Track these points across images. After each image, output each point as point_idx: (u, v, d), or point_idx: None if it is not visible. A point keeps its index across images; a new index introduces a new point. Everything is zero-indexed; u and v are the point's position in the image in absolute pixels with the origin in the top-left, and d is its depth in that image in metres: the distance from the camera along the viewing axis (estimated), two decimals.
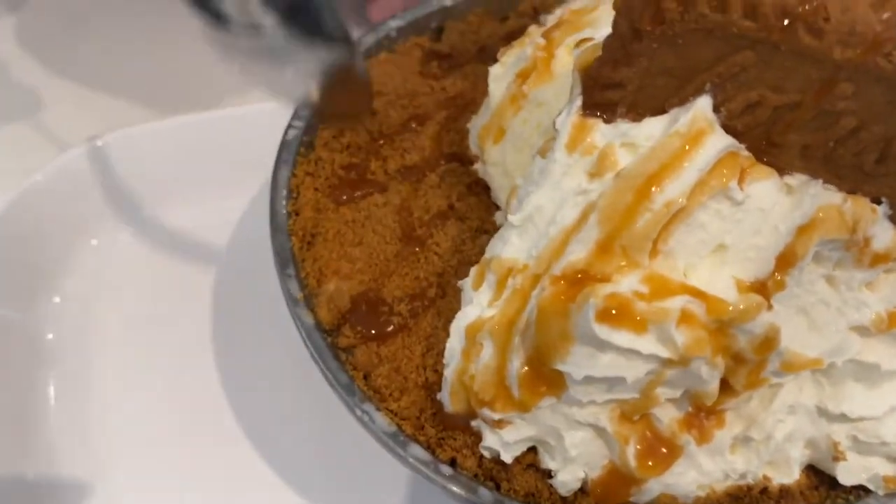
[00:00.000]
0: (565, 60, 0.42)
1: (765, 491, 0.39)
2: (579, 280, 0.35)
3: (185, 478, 0.51)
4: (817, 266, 0.37)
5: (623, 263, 0.34)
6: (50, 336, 0.55)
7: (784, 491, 0.39)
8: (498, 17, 0.59)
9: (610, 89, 0.35)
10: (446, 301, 0.44)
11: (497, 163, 0.45)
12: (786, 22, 0.31)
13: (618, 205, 0.34)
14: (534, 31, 0.47)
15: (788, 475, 0.39)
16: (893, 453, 0.40)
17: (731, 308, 0.34)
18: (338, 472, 0.51)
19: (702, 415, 0.38)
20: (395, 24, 0.56)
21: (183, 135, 0.60)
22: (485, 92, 0.48)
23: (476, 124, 0.48)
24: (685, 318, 0.33)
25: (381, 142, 0.51)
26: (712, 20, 0.32)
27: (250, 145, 0.55)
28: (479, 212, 0.47)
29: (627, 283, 0.34)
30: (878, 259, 0.37)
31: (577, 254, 0.35)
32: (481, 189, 0.48)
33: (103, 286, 0.58)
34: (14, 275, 0.55)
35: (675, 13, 0.32)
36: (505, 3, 0.59)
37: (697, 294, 0.34)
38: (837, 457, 0.39)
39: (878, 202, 0.36)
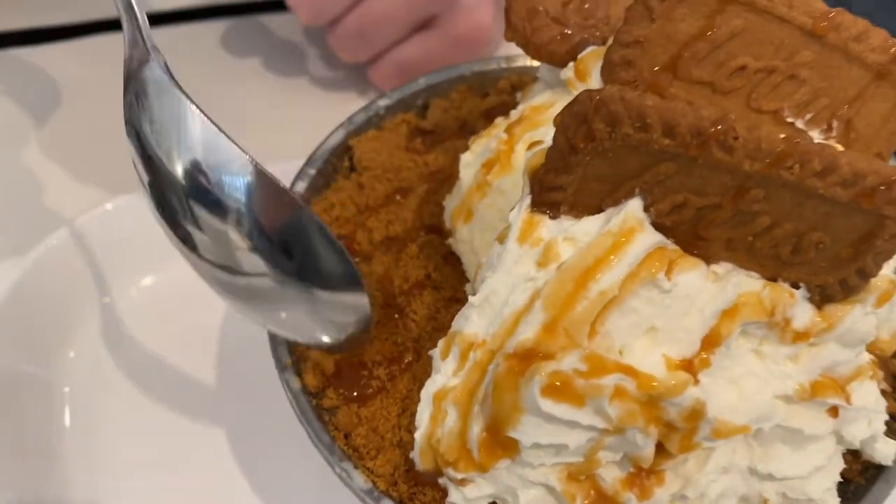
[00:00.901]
0: (523, 155, 0.47)
1: None
2: (528, 357, 0.39)
3: None
4: (746, 341, 0.42)
5: (565, 343, 0.39)
6: (66, 389, 0.60)
7: None
8: (479, 94, 0.64)
9: (553, 191, 0.39)
10: (421, 365, 0.49)
11: (466, 241, 0.50)
12: (700, 140, 0.36)
13: (560, 293, 0.39)
14: (500, 124, 0.52)
15: None
16: None
17: (658, 384, 0.38)
18: None
19: (643, 474, 0.42)
20: (383, 102, 0.62)
21: None
22: None
23: (450, 204, 0.53)
24: (618, 393, 0.38)
25: (367, 214, 0.56)
26: (636, 138, 0.36)
27: None
28: (452, 281, 0.52)
29: (568, 362, 0.39)
30: (799, 337, 0.41)
31: (526, 334, 0.39)
32: (455, 259, 0.53)
33: (115, 340, 0.63)
34: (32, 333, 0.60)
35: (603, 132, 0.37)
36: (485, 82, 0.64)
37: (629, 372, 0.39)
38: None
39: (798, 287, 0.41)
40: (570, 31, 0.49)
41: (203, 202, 0.42)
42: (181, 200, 0.42)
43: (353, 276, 0.45)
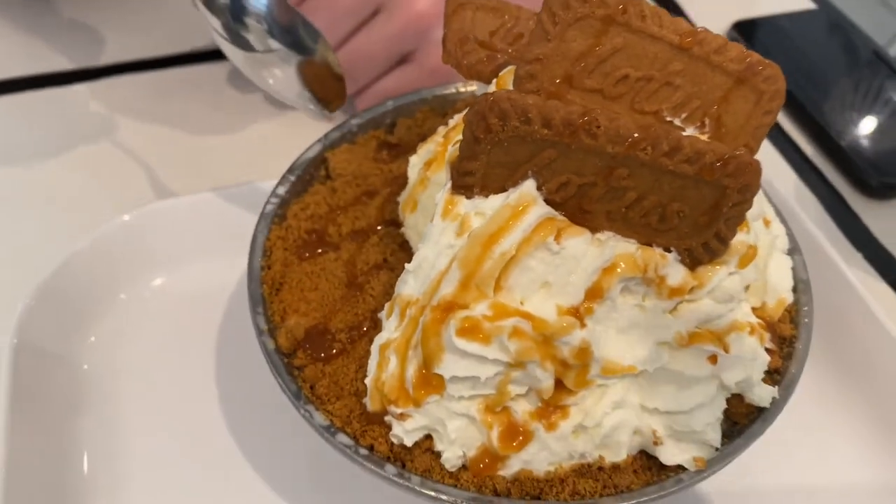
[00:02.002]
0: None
1: (601, 468, 0.52)
2: (448, 308, 0.49)
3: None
4: (631, 298, 0.51)
5: (476, 296, 0.48)
6: (85, 367, 0.70)
7: (615, 467, 0.52)
8: (440, 114, 0.75)
9: (466, 176, 0.49)
10: (377, 331, 0.58)
11: (412, 227, 0.60)
12: (570, 129, 0.46)
13: (470, 255, 0.48)
14: (440, 131, 0.62)
15: (618, 455, 0.52)
16: (701, 439, 0.53)
17: (549, 326, 0.48)
18: None
19: (551, 409, 0.51)
20: (356, 121, 0.73)
21: (192, 210, 0.77)
22: None
23: (401, 199, 0.63)
24: (516, 332, 0.47)
25: (338, 212, 0.66)
26: (522, 130, 0.46)
27: (245, 216, 0.71)
28: (405, 263, 0.61)
29: (479, 310, 0.48)
30: (674, 292, 0.50)
31: (447, 290, 0.49)
32: (408, 246, 0.63)
33: (128, 329, 0.74)
34: (59, 320, 0.71)
35: (497, 126, 0.46)
36: (445, 103, 0.75)
37: (526, 316, 0.48)
38: (657, 442, 0.52)
39: (669, 250, 0.50)
40: (496, 54, 0.59)
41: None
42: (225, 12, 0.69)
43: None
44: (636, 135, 0.45)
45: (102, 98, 0.97)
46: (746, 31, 1.15)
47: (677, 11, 1.18)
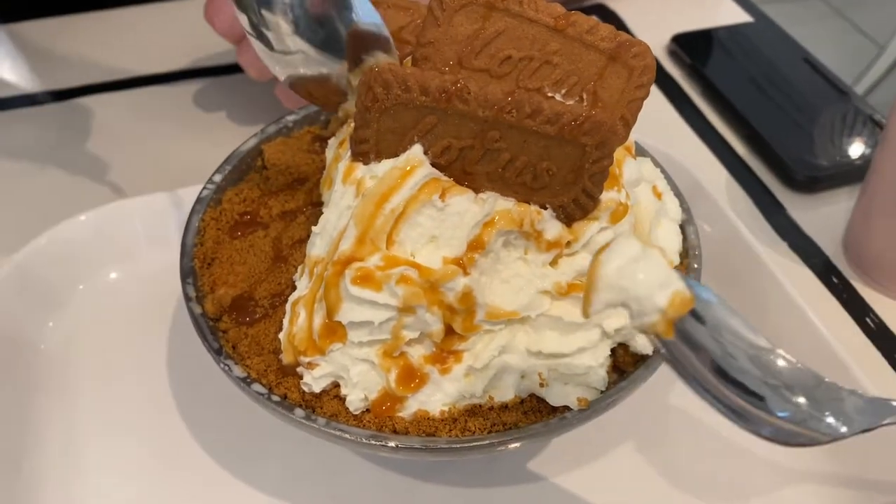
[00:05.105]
0: None
1: (491, 408, 0.57)
2: (347, 262, 0.54)
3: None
4: (514, 251, 0.56)
5: (371, 249, 0.54)
6: (42, 346, 0.76)
7: (504, 406, 0.57)
8: None
9: (361, 144, 0.55)
10: None
11: (327, 202, 0.66)
12: (445, 96, 0.52)
13: (364, 213, 0.54)
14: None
15: (506, 396, 0.57)
16: (584, 381, 0.57)
17: (433, 273, 0.53)
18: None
19: (444, 353, 0.56)
20: (292, 118, 0.79)
21: (145, 208, 0.83)
22: None
23: (322, 178, 0.69)
24: (403, 279, 0.53)
25: (269, 196, 0.72)
26: (404, 97, 0.52)
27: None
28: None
29: (372, 261, 0.54)
30: (551, 245, 0.56)
31: (345, 246, 0.54)
32: None
33: (85, 316, 0.79)
34: (20, 307, 0.76)
35: (382, 94, 0.52)
36: None
37: (413, 265, 0.53)
38: (542, 384, 0.57)
39: (545, 208, 0.56)
40: (404, 46, 0.66)
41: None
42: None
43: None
44: (501, 99, 0.51)
45: (67, 115, 1.05)
46: (686, 43, 1.22)
47: (619, 25, 1.25)
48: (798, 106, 1.10)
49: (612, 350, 0.59)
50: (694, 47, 1.21)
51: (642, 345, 0.59)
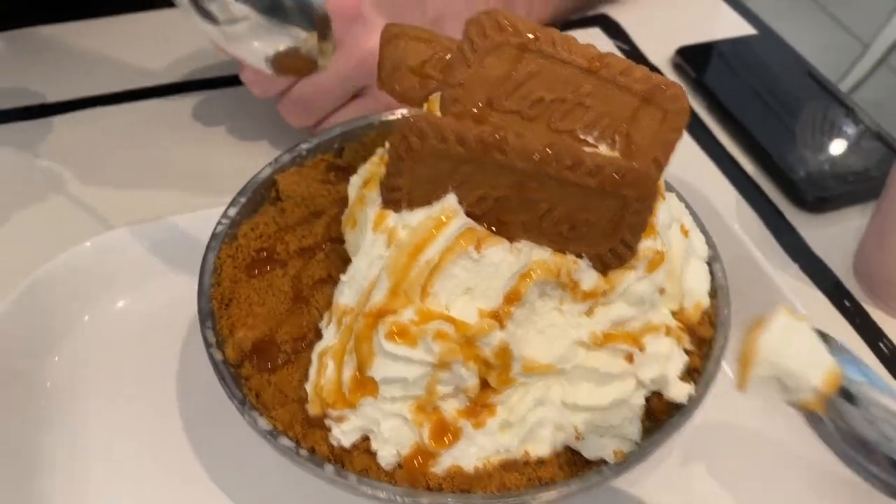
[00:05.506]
0: None
1: (527, 462, 0.56)
2: (379, 314, 0.53)
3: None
4: (549, 301, 0.55)
5: (404, 302, 0.52)
6: (48, 384, 0.73)
7: (540, 461, 0.56)
8: (387, 139, 0.79)
9: (393, 192, 0.54)
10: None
11: (352, 243, 0.64)
12: (483, 146, 0.50)
13: (398, 264, 0.52)
14: (379, 153, 0.66)
15: (541, 450, 0.56)
16: (620, 433, 0.56)
17: (470, 327, 0.52)
18: None
19: (478, 407, 0.55)
20: (305, 146, 0.77)
21: (152, 235, 0.80)
22: None
23: (344, 217, 0.67)
24: (440, 335, 0.51)
25: (286, 231, 0.70)
26: (439, 148, 0.51)
27: (202, 241, 0.75)
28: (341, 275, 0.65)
29: (406, 315, 0.52)
30: (587, 296, 0.54)
31: (377, 297, 0.53)
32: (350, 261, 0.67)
33: (92, 349, 0.77)
34: (25, 341, 0.74)
35: (417, 144, 0.51)
36: (392, 128, 0.79)
37: (449, 319, 0.52)
38: (578, 437, 0.56)
39: (581, 257, 0.54)
40: (427, 81, 0.64)
41: None
42: None
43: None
44: (543, 150, 0.50)
45: (65, 132, 1.01)
46: (690, 56, 1.21)
47: (624, 38, 1.24)
48: (804, 123, 1.09)
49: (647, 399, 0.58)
50: (699, 61, 1.21)
51: (677, 393, 0.58)
